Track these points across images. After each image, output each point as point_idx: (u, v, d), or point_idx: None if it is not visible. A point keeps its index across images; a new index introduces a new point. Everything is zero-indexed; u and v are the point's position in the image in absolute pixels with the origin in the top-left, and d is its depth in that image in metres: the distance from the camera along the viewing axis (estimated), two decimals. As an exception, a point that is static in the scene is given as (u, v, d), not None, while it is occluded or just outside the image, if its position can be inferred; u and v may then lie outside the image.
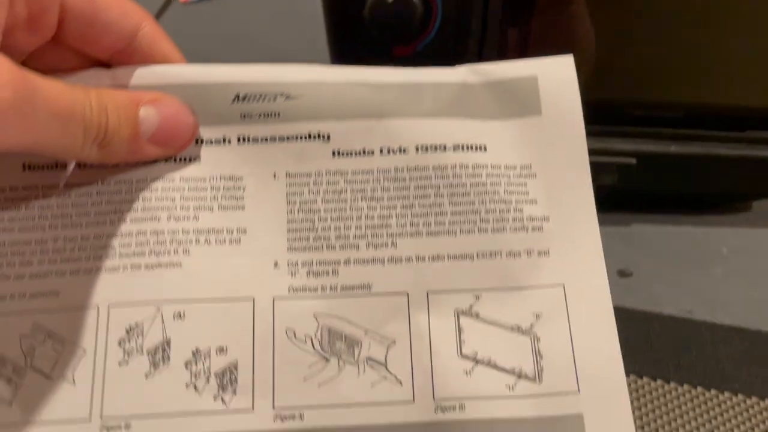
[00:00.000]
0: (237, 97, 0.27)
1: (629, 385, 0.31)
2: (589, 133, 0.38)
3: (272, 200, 0.28)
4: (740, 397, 0.31)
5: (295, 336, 0.26)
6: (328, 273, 0.27)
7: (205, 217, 0.27)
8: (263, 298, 0.27)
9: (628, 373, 0.31)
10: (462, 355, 0.27)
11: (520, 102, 0.28)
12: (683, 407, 0.30)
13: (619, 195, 0.41)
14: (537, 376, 0.26)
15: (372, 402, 0.26)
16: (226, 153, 0.28)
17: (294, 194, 0.28)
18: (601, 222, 0.42)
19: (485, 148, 0.28)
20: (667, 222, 0.41)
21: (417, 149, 0.28)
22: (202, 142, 0.28)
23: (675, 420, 0.29)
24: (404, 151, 0.28)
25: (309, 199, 0.28)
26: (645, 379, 0.31)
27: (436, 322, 0.27)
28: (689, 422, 0.29)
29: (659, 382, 0.31)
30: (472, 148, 0.28)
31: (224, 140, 0.28)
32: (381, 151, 0.28)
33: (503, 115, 0.29)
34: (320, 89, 0.28)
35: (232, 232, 0.28)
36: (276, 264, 0.27)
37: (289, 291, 0.27)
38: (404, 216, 0.28)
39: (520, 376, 0.26)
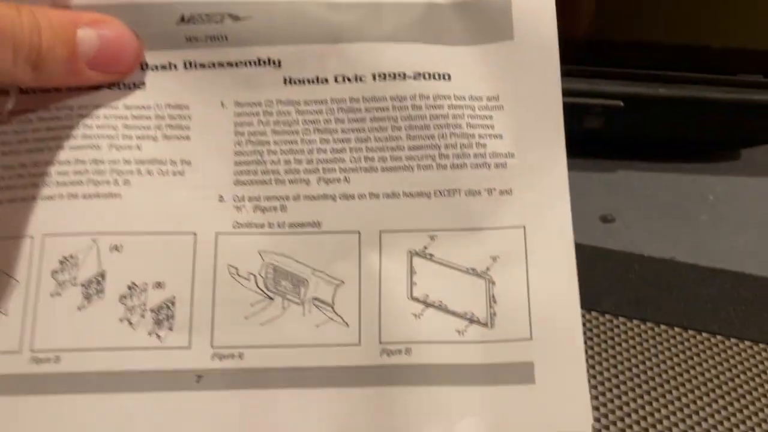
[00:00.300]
0: (182, 18, 0.26)
1: (604, 324, 0.30)
2: (576, 74, 0.36)
3: (219, 131, 0.26)
4: (719, 338, 0.30)
5: (237, 273, 0.25)
6: (275, 209, 0.26)
7: (148, 146, 0.26)
8: (206, 233, 0.25)
9: (603, 312, 0.29)
10: (412, 298, 0.25)
11: (491, 25, 0.26)
12: (659, 347, 0.29)
13: (605, 139, 0.39)
14: (489, 322, 0.25)
15: (316, 343, 0.25)
16: (171, 79, 0.26)
17: (242, 125, 0.26)
18: (586, 167, 0.41)
19: (449, 77, 0.26)
20: (654, 169, 0.39)
21: (374, 77, 0.26)
22: (146, 67, 0.26)
23: (650, 359, 0.28)
24: (361, 79, 0.26)
25: (258, 131, 0.26)
26: (621, 319, 0.30)
27: (387, 262, 0.26)
28: (664, 362, 0.28)
29: (635, 322, 0.30)
30: (434, 76, 0.26)
31: (170, 66, 0.26)
32: (336, 79, 0.26)
33: (471, 40, 0.26)
34: (270, 9, 0.26)
35: (175, 164, 0.26)
36: (221, 198, 0.26)
37: (233, 226, 0.26)
38: (358, 150, 0.26)
39: (471, 320, 0.25)
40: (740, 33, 0.34)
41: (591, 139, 0.39)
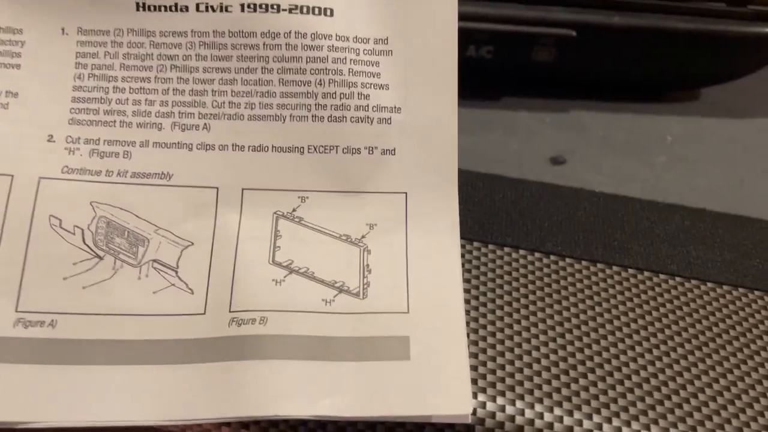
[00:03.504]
0: None
1: (548, 266, 0.26)
2: (524, 0, 0.34)
3: (57, 61, 0.22)
4: (678, 279, 0.26)
5: (60, 225, 0.21)
6: (118, 155, 0.22)
7: None
8: (25, 176, 0.21)
9: (548, 253, 0.26)
10: (274, 263, 0.21)
11: None
12: (611, 290, 0.25)
13: (556, 76, 0.36)
14: (361, 292, 0.21)
15: (150, 312, 0.20)
16: None
17: (85, 55, 0.22)
18: (534, 106, 0.38)
19: (331, 12, 0.23)
20: (608, 109, 0.37)
21: (243, 8, 0.22)
22: (-28, -19, 0.22)
23: (600, 304, 0.25)
24: (227, 9, 0.22)
25: (104, 63, 0.22)
26: (568, 260, 0.26)
27: (248, 223, 0.22)
28: (616, 307, 0.25)
29: (584, 263, 0.27)
30: (313, 11, 0.22)
31: (0, -20, 0.22)
32: (198, 7, 0.22)
33: None
34: None
35: (-1, 95, 0.22)
36: (51, 137, 0.22)
37: (62, 171, 0.21)
38: (223, 93, 0.22)
39: (341, 290, 0.21)
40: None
41: (540, 75, 0.36)
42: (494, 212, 0.28)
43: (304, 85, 0.22)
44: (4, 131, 0.21)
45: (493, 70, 0.35)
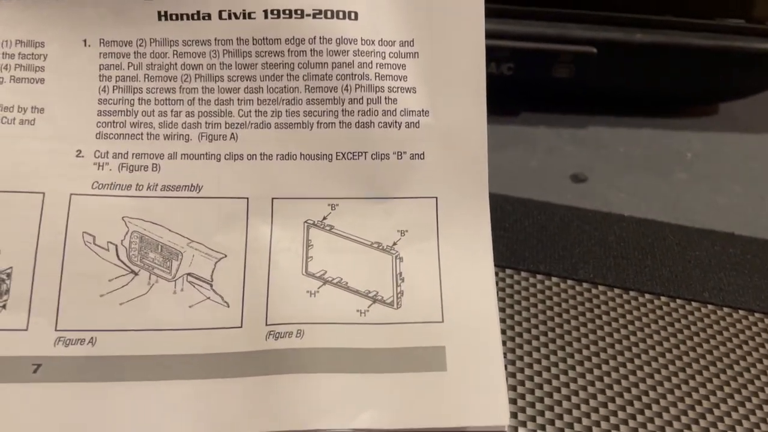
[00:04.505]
0: (29, -69, 0.21)
1: (581, 293, 0.26)
2: (544, 17, 0.33)
3: (81, 73, 0.22)
4: (710, 307, 0.26)
5: (94, 242, 0.21)
6: (147, 168, 0.22)
7: None
8: (57, 194, 0.21)
9: (580, 281, 0.26)
10: (307, 273, 0.21)
11: None
12: (644, 319, 0.26)
13: (575, 91, 0.36)
14: (395, 302, 0.21)
15: (188, 327, 0.21)
16: (22, 10, 0.22)
17: (109, 67, 0.22)
18: (553, 122, 0.38)
19: (356, 16, 0.22)
20: (627, 124, 0.37)
21: (266, 14, 0.22)
22: (-9, -6, 0.22)
23: (635, 333, 0.25)
24: (250, 16, 0.22)
25: (128, 75, 0.22)
26: (600, 288, 0.27)
27: (280, 233, 0.22)
28: (650, 336, 0.25)
29: (617, 291, 0.27)
30: (338, 15, 0.22)
31: (19, -8, 0.22)
32: (221, 15, 0.22)
33: None
34: None
35: (24, 111, 0.22)
36: (79, 153, 0.22)
37: (93, 186, 0.21)
38: (248, 102, 0.22)
39: (375, 300, 0.21)
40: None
41: (559, 91, 0.36)
42: (525, 238, 0.28)
43: (331, 91, 0.22)
44: (32, 148, 0.21)
45: (512, 86, 0.35)
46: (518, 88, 0.36)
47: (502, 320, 0.25)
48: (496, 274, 0.27)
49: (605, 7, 0.34)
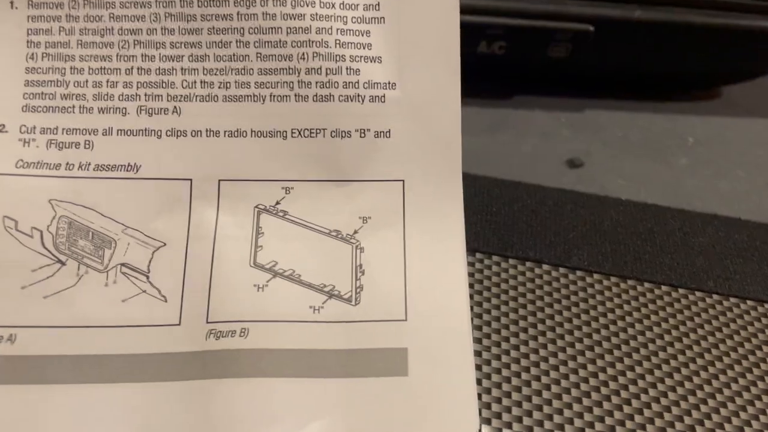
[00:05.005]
0: None
1: (575, 282, 0.24)
2: None
3: (6, 39, 0.20)
4: (715, 297, 0.24)
5: (16, 227, 0.19)
6: (78, 145, 0.20)
7: None
8: None
9: (574, 268, 0.24)
10: (255, 265, 0.19)
11: None
12: (643, 309, 0.23)
13: (571, 73, 0.34)
14: (353, 297, 0.19)
15: (120, 323, 0.18)
16: None
17: (38, 32, 0.20)
18: (549, 105, 0.36)
19: None
20: (625, 108, 0.35)
21: None
22: None
23: (633, 325, 0.23)
24: None
25: (59, 41, 0.20)
26: (596, 276, 0.24)
27: (226, 219, 0.19)
28: (650, 328, 0.23)
29: (613, 279, 0.24)
30: None
31: (-64, -54, 0.19)
32: None
33: None
34: None
35: (-59, 80, 0.19)
36: (3, 128, 0.19)
37: (16, 165, 0.19)
38: (193, 72, 0.20)
39: (331, 295, 0.19)
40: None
41: (555, 73, 0.34)
42: (513, 223, 0.26)
43: (285, 59, 0.20)
44: (-51, 122, 0.19)
45: (505, 66, 0.33)
46: (511, 69, 0.34)
47: (486, 311, 0.22)
48: (481, 261, 0.24)
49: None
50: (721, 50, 0.33)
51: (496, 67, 0.33)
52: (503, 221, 0.27)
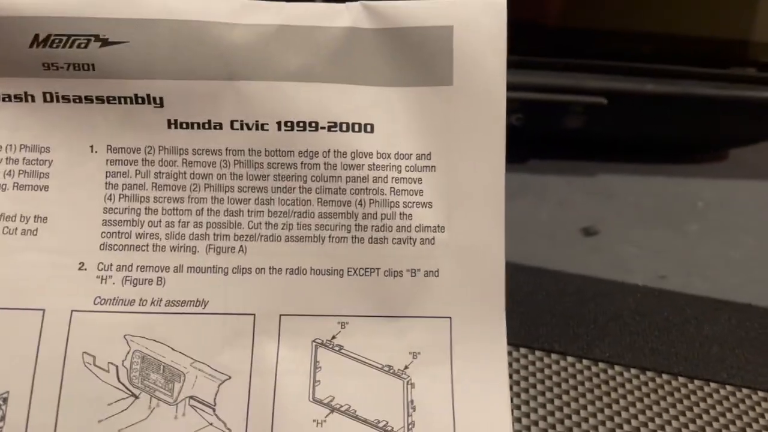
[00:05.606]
0: (36, 38, 0.20)
1: (597, 375, 0.25)
2: (555, 68, 0.33)
3: (86, 181, 0.21)
4: (729, 389, 0.25)
5: (94, 363, 0.20)
6: (151, 281, 0.21)
7: None
8: (57, 310, 0.20)
9: (596, 360, 0.25)
10: (314, 400, 0.21)
11: (426, 64, 0.21)
12: (662, 402, 0.24)
13: (584, 141, 0.36)
14: (405, 435, 0.20)
15: None
16: (28, 114, 0.21)
17: (116, 175, 0.21)
18: (564, 170, 0.37)
19: (372, 128, 0.21)
20: (636, 171, 0.36)
21: (280, 126, 0.21)
22: (-3, 96, 0.21)
23: (653, 420, 0.24)
24: (263, 127, 0.21)
25: (135, 183, 0.21)
26: (617, 368, 0.26)
27: (286, 353, 0.21)
28: (669, 423, 0.23)
29: (633, 371, 0.26)
30: (353, 127, 0.21)
31: (26, 97, 0.21)
32: (232, 125, 0.21)
33: (401, 80, 0.22)
34: (148, 30, 0.21)
35: (27, 220, 0.21)
36: (82, 266, 0.21)
37: (95, 302, 0.21)
38: (259, 214, 0.21)
39: (385, 431, 0.20)
40: (733, 23, 0.32)
41: (569, 140, 0.35)
42: (538, 313, 0.27)
43: (344, 205, 0.21)
44: (33, 261, 0.21)
45: (522, 136, 0.34)
46: (528, 138, 0.36)
47: (517, 406, 0.24)
48: (510, 353, 0.26)
49: (616, 57, 0.33)
50: (729, 118, 0.35)
51: (513, 137, 0.35)
52: (528, 311, 0.28)
